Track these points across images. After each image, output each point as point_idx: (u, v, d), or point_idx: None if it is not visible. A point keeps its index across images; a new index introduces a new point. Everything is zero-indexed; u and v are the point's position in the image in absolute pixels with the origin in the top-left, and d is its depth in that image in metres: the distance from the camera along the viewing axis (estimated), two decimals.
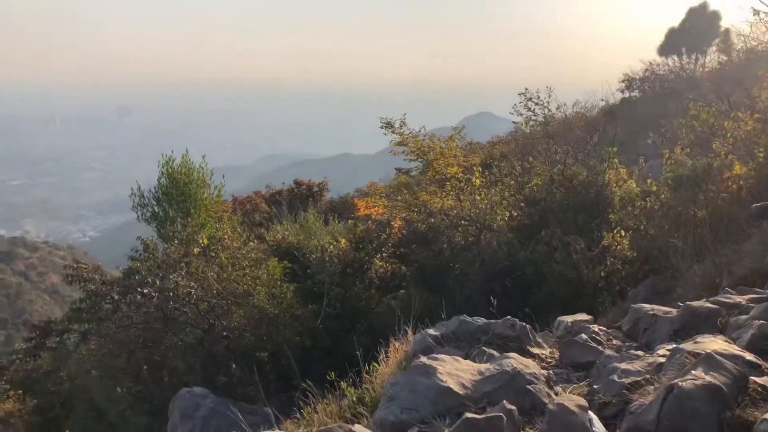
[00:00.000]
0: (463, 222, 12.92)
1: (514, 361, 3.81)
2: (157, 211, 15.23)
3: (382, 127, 14.55)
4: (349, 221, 15.57)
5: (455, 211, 13.18)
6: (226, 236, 12.15)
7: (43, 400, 11.32)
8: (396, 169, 32.84)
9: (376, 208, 15.51)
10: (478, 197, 12.95)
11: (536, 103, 16.42)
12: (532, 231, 13.02)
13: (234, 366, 11.56)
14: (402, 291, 13.48)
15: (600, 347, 4.65)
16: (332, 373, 5.74)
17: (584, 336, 4.90)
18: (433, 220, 12.61)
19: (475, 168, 13.21)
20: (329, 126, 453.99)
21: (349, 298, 13.23)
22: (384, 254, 13.56)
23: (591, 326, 5.28)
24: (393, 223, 13.74)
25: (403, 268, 13.38)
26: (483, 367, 3.81)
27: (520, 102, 16.47)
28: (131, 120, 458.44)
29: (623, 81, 29.40)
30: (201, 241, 11.48)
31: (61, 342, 11.83)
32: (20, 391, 13.39)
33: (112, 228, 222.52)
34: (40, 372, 11.96)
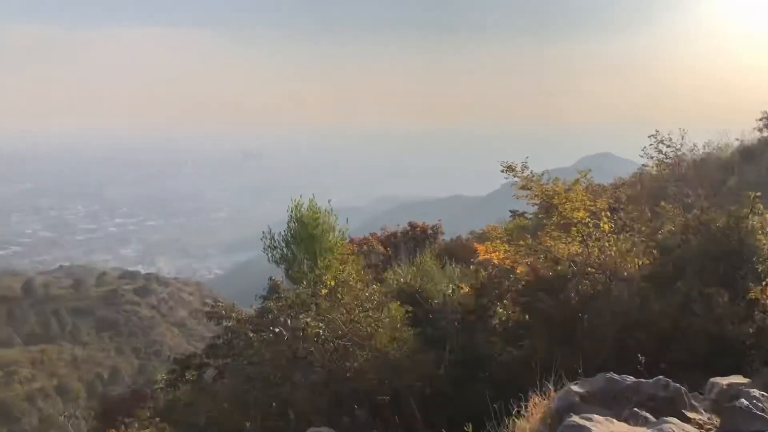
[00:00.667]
0: (590, 269, 12.47)
1: (675, 426, 3.62)
2: (285, 252, 15.99)
3: (503, 171, 14.45)
4: (471, 266, 15.49)
5: (581, 258, 12.75)
6: (350, 278, 12.49)
7: (181, 430, 12.03)
8: (510, 211, 32.31)
9: (497, 253, 15.30)
10: (606, 243, 12.48)
11: (668, 146, 15.71)
12: (666, 281, 12.31)
13: (357, 408, 11.73)
14: (526, 341, 13.12)
15: (765, 415, 4.30)
16: (458, 421, 5.70)
17: (745, 402, 4.56)
18: (559, 267, 12.28)
19: (603, 212, 12.77)
20: (441, 167, 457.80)
21: (471, 345, 13.06)
22: (506, 301, 13.33)
23: (750, 390, 4.90)
24: (516, 269, 13.50)
25: (526, 316, 13.05)
26: (639, 430, 3.65)
27: (650, 144, 15.82)
28: (255, 164, 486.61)
29: (761, 119, 27.45)
30: (328, 282, 11.89)
31: (199, 375, 12.60)
32: (158, 420, 14.28)
33: (235, 266, 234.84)
34: (180, 403, 12.75)
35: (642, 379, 4.68)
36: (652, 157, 16.19)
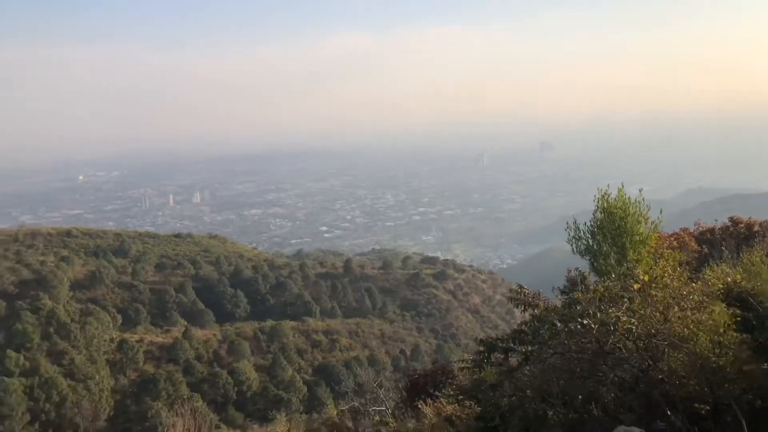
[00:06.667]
0: None
1: None
2: (591, 244, 15.46)
3: None
4: None
5: None
6: (665, 274, 11.54)
7: (485, 409, 12.55)
8: None
9: None
10: None
11: None
12: None
13: (670, 413, 10.86)
14: None
15: None
16: None
17: None
18: None
19: None
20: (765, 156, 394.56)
21: None
22: None
23: None
24: None
25: None
26: None
27: None
28: (551, 155, 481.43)
29: None
30: (641, 277, 11.17)
31: (504, 359, 12.98)
32: (461, 397, 15.10)
33: (526, 257, 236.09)
34: (485, 384, 13.31)
35: None
36: None
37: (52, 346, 70.07)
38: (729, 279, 12.58)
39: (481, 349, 13.33)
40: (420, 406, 15.50)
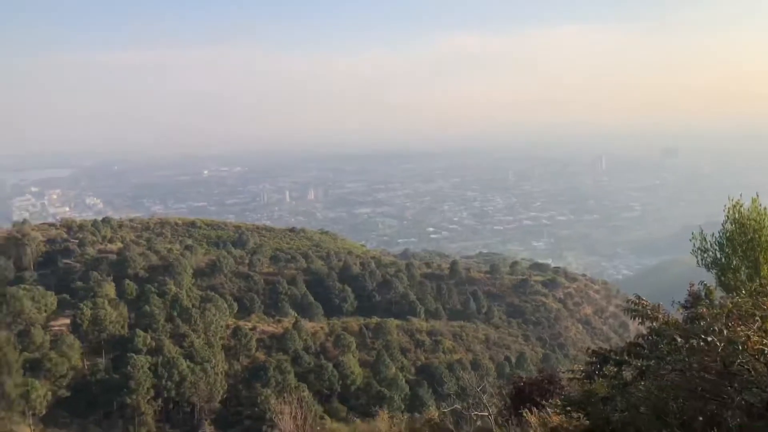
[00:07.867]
0: None
1: None
2: (718, 257, 14.41)
3: None
4: None
5: None
6: None
7: (594, 423, 12.03)
8: None
9: None
10: None
11: None
12: None
13: None
14: None
15: None
16: None
17: None
18: None
19: None
20: None
21: None
22: None
23: None
24: None
25: None
26: None
27: None
28: (674, 162, 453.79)
29: None
30: None
31: (618, 372, 12.38)
32: (569, 408, 14.55)
33: (644, 268, 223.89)
34: (595, 396, 12.75)
35: None
36: None
37: (174, 329, 75.26)
38: None
39: (593, 360, 12.78)
40: (525, 414, 15.13)
